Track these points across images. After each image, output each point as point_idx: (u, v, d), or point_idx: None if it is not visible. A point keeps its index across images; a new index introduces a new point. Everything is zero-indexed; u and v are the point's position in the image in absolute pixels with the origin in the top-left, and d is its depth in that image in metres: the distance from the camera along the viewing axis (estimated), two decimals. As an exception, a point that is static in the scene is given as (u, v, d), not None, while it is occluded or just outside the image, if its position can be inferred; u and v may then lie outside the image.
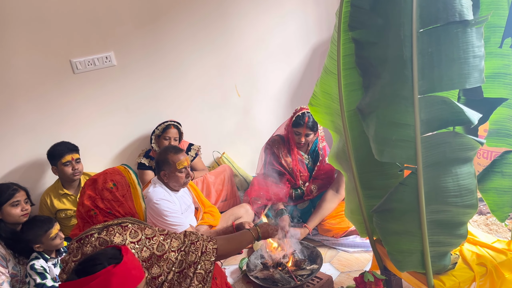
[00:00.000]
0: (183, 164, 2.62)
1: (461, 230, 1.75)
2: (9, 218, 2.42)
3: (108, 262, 1.27)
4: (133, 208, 1.83)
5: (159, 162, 2.65)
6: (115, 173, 1.86)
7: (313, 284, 2.38)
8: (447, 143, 1.63)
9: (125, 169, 1.91)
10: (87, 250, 1.69)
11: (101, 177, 1.84)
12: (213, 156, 3.75)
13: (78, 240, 1.74)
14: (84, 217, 1.79)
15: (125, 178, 1.86)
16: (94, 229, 1.72)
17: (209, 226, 2.90)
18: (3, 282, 2.29)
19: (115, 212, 1.78)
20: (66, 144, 2.90)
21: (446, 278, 1.84)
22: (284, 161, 3.08)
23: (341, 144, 2.12)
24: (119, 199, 1.79)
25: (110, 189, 1.79)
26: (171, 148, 2.70)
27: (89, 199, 1.78)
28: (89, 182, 1.84)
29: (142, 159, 3.34)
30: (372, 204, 1.96)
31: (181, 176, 2.64)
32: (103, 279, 1.22)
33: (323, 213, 2.98)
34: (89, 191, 1.80)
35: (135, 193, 1.86)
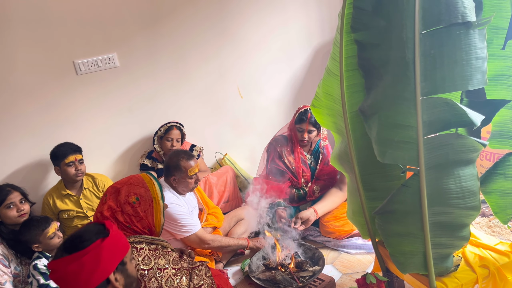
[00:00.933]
0: (195, 171, 2.62)
1: (463, 232, 1.75)
2: (7, 220, 2.42)
3: (96, 237, 1.31)
4: (152, 223, 1.79)
5: (170, 167, 2.63)
6: (140, 185, 1.80)
7: (315, 286, 2.38)
8: (449, 145, 1.63)
9: (150, 180, 1.84)
10: None
11: (124, 188, 1.78)
12: (215, 157, 3.75)
13: None
14: None
15: (150, 192, 1.80)
16: None
17: (212, 227, 2.91)
18: (5, 282, 2.30)
19: (133, 227, 1.74)
20: (69, 145, 2.90)
21: (448, 280, 1.84)
22: (287, 160, 3.08)
23: (343, 146, 2.12)
24: (140, 214, 1.75)
25: (133, 203, 1.74)
26: (182, 153, 2.67)
27: (109, 210, 1.74)
28: (112, 191, 1.79)
29: (145, 160, 3.34)
30: (374, 206, 1.96)
31: (191, 182, 2.64)
32: (94, 253, 1.27)
33: (329, 203, 2.95)
34: (110, 201, 1.76)
35: (157, 208, 1.81)
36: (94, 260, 1.27)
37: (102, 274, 1.28)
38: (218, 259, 2.83)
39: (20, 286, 2.41)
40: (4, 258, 2.35)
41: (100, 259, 1.28)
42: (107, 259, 1.29)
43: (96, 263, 1.27)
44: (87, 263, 1.26)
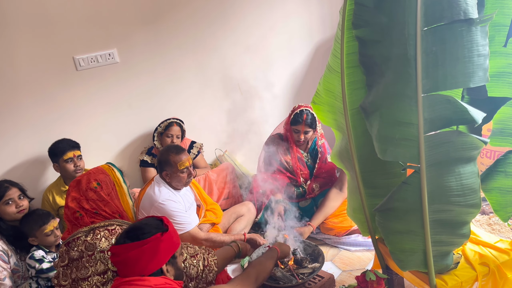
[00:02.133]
0: (185, 165, 2.61)
1: (463, 229, 1.75)
2: (6, 216, 2.41)
3: (156, 230, 1.45)
4: (120, 206, 1.81)
5: (161, 162, 2.64)
6: (99, 172, 1.84)
7: (315, 283, 2.38)
8: (450, 142, 1.62)
9: (109, 167, 1.89)
10: (73, 254, 1.66)
11: (84, 177, 1.82)
12: (215, 154, 3.75)
13: (66, 243, 1.71)
14: (71, 220, 1.77)
15: (110, 176, 1.83)
16: (81, 232, 1.69)
17: (211, 224, 2.91)
18: (4, 277, 2.30)
19: (101, 212, 1.76)
20: (68, 141, 2.90)
21: (448, 278, 1.84)
22: (284, 159, 3.08)
23: (343, 143, 2.12)
24: (104, 198, 1.77)
25: (94, 188, 1.77)
26: (173, 148, 2.68)
27: (73, 201, 1.77)
28: (73, 184, 1.82)
29: (145, 156, 3.34)
30: (374, 203, 1.96)
31: (183, 176, 2.63)
32: (154, 244, 1.41)
33: (327, 211, 2.98)
34: (73, 193, 1.78)
35: (121, 191, 1.84)
36: (153, 251, 1.41)
37: (157, 264, 1.43)
38: (218, 255, 2.82)
39: (20, 281, 2.42)
40: (3, 253, 2.35)
41: (158, 250, 1.42)
42: (163, 251, 1.44)
43: (154, 253, 1.41)
44: (146, 252, 1.40)
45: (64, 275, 1.70)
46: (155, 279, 1.40)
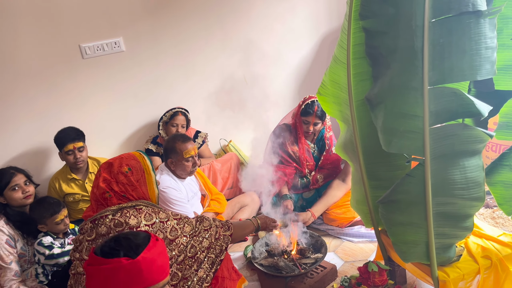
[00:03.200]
0: (190, 153, 2.63)
1: (467, 222, 1.75)
2: (12, 202, 2.44)
3: (125, 253, 1.24)
4: (146, 193, 1.88)
5: (167, 150, 2.66)
6: (131, 158, 1.90)
7: (317, 273, 2.39)
8: (455, 135, 1.62)
9: (140, 155, 1.95)
10: (101, 230, 1.74)
11: (116, 161, 1.88)
12: (220, 144, 3.76)
13: (93, 221, 1.78)
14: (98, 199, 1.83)
15: (140, 163, 1.90)
16: (109, 211, 1.76)
17: (215, 213, 2.92)
18: (11, 261, 2.34)
19: (129, 196, 1.83)
20: (69, 132, 2.88)
21: (450, 270, 1.84)
22: (291, 150, 3.08)
23: (348, 134, 2.11)
24: (133, 183, 1.84)
25: (125, 173, 1.84)
26: (179, 136, 2.70)
27: (104, 182, 1.83)
28: (105, 165, 1.88)
29: (150, 145, 3.35)
30: (378, 195, 1.96)
31: (188, 165, 2.65)
32: (112, 267, 1.21)
33: (329, 200, 2.98)
34: (104, 173, 1.85)
35: (149, 179, 1.90)
36: (109, 274, 1.21)
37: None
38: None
39: (26, 266, 2.45)
40: (10, 238, 2.38)
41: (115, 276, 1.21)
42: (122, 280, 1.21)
43: (111, 277, 1.21)
44: (102, 272, 1.22)
45: (88, 250, 1.76)
46: None
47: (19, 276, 2.35)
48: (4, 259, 2.33)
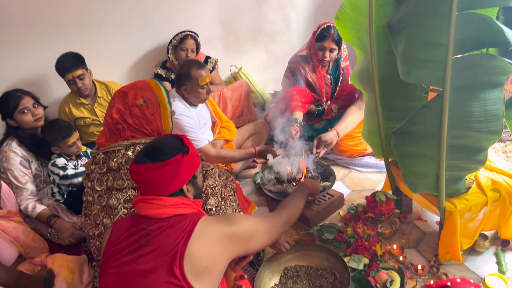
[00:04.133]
0: (206, 81, 2.57)
1: (480, 156, 1.74)
2: (24, 125, 2.45)
3: (176, 151, 1.41)
4: (161, 126, 1.82)
5: (181, 76, 2.59)
6: (146, 89, 1.81)
7: (325, 200, 2.45)
8: (479, 66, 1.55)
9: (156, 85, 1.85)
10: (113, 165, 1.74)
11: (131, 91, 1.79)
12: (230, 71, 3.68)
13: (105, 152, 1.77)
14: (111, 128, 1.80)
15: (156, 95, 1.81)
16: (121, 145, 1.74)
17: (225, 140, 2.94)
18: (26, 182, 2.41)
19: (142, 129, 1.78)
20: (66, 61, 2.75)
21: (458, 201, 1.86)
22: (310, 78, 2.99)
23: (365, 63, 2.04)
24: (147, 117, 1.78)
25: (140, 106, 1.76)
26: (194, 62, 2.62)
27: (118, 113, 1.77)
28: (119, 94, 1.80)
29: (159, 70, 3.29)
30: (391, 126, 1.93)
31: (202, 92, 2.60)
32: (175, 166, 1.38)
33: (349, 123, 2.87)
34: (118, 104, 1.78)
35: (165, 112, 1.83)
36: (173, 172, 1.38)
37: (177, 184, 1.40)
38: (230, 171, 2.90)
39: (42, 185, 2.53)
40: (24, 159, 2.43)
41: (178, 171, 1.39)
42: (184, 172, 1.41)
43: (174, 174, 1.38)
44: (166, 173, 1.37)
45: (99, 181, 1.78)
46: (172, 200, 1.39)
47: (35, 195, 2.43)
48: (19, 180, 2.39)
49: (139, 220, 1.38)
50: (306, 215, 2.34)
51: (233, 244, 1.39)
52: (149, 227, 1.34)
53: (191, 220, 1.34)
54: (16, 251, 2.05)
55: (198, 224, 1.33)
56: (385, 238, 2.16)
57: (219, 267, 1.36)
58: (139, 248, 1.31)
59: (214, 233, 1.35)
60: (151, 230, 1.33)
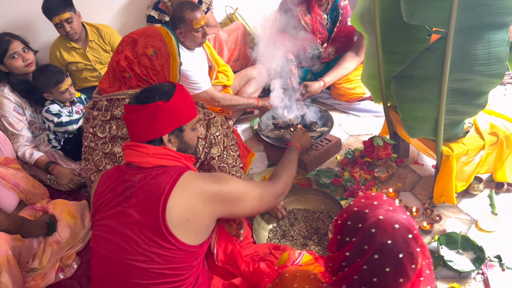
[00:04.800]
0: (200, 23, 2.47)
1: (481, 99, 1.72)
2: (15, 70, 2.37)
3: (159, 97, 1.35)
4: (168, 78, 1.78)
5: (175, 19, 2.49)
6: (157, 38, 1.74)
7: (322, 145, 2.45)
8: (486, 6, 1.49)
9: (168, 34, 1.78)
10: (116, 113, 1.71)
11: (141, 39, 1.72)
12: (225, 12, 3.54)
13: (109, 99, 1.74)
14: (116, 75, 1.75)
15: (167, 46, 1.75)
16: (126, 94, 1.71)
17: (222, 86, 2.89)
18: (22, 128, 2.39)
19: (149, 79, 1.74)
20: (53, 3, 2.61)
21: (455, 145, 1.87)
22: (303, 20, 2.88)
23: (366, 4, 1.96)
24: (156, 68, 1.73)
25: (150, 56, 1.71)
26: (187, 4, 2.50)
27: (126, 60, 1.71)
28: (128, 41, 1.74)
29: (151, 11, 3.15)
30: (392, 70, 1.89)
31: (198, 35, 2.51)
32: (152, 111, 1.33)
33: (341, 72, 2.89)
34: (127, 51, 1.72)
35: (174, 64, 1.78)
36: (151, 118, 1.33)
37: (155, 132, 1.35)
38: (228, 116, 2.87)
39: (37, 132, 2.51)
40: (17, 106, 2.39)
41: (156, 118, 1.33)
42: (163, 120, 1.34)
43: (152, 120, 1.33)
44: (144, 117, 1.33)
45: (102, 128, 1.77)
46: (154, 148, 1.34)
47: (31, 141, 2.42)
48: (14, 126, 2.37)
49: (125, 170, 1.36)
50: (303, 160, 2.35)
51: (217, 204, 1.34)
52: (133, 178, 1.32)
53: (175, 173, 1.31)
54: (17, 197, 2.07)
55: (182, 178, 1.29)
56: (381, 182, 2.19)
57: (204, 223, 1.33)
58: (125, 200, 1.30)
59: (197, 188, 1.31)
60: (135, 181, 1.31)
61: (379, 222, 0.98)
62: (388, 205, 1.02)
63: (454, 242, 1.79)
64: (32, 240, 1.84)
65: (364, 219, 1.00)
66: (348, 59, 2.88)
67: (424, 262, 1.01)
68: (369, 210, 1.01)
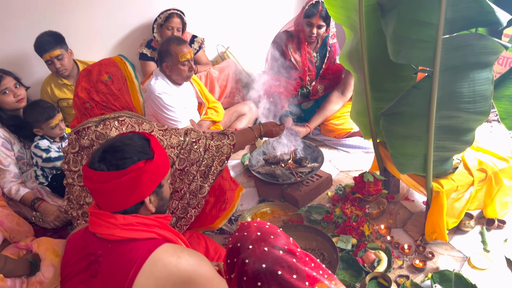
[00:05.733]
0: (186, 57, 2.52)
1: (468, 136, 1.75)
2: (6, 106, 2.37)
3: (138, 157, 1.19)
4: (130, 102, 1.77)
5: (161, 53, 2.55)
6: (110, 65, 1.76)
7: (313, 181, 2.45)
8: (469, 46, 1.54)
9: (121, 60, 1.80)
10: (84, 142, 1.69)
11: (95, 68, 1.74)
12: (217, 50, 3.61)
13: (76, 132, 1.73)
14: (80, 109, 1.75)
15: (121, 70, 1.76)
16: (91, 122, 1.70)
17: (212, 121, 2.90)
18: (9, 164, 2.35)
19: (111, 106, 1.73)
20: (43, 40, 2.65)
21: (445, 182, 1.88)
22: (293, 57, 2.95)
23: (354, 43, 2.01)
24: (114, 93, 1.72)
25: (105, 82, 1.71)
26: (174, 39, 2.57)
27: (84, 91, 1.72)
28: (84, 73, 1.76)
29: (144, 49, 3.21)
30: (380, 107, 1.92)
31: (184, 69, 2.55)
32: (135, 175, 1.17)
33: (326, 114, 2.96)
34: (83, 82, 1.73)
35: (132, 87, 1.77)
36: (133, 183, 1.18)
37: (138, 197, 1.20)
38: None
39: (25, 168, 2.48)
40: (6, 141, 2.37)
41: (139, 182, 1.18)
42: (146, 182, 1.20)
43: (135, 186, 1.18)
44: (125, 184, 1.17)
45: (74, 162, 1.75)
46: (124, 218, 1.18)
47: (18, 177, 2.38)
48: (1, 162, 2.33)
49: (89, 240, 1.21)
50: (294, 196, 2.34)
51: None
52: (97, 251, 1.18)
53: (143, 252, 1.14)
54: (1, 235, 2.01)
55: (150, 258, 1.13)
56: (372, 218, 2.18)
57: None
58: (89, 279, 1.18)
59: (165, 273, 1.13)
60: (98, 256, 1.17)
61: (250, 251, 0.98)
62: (256, 232, 1.02)
63: (448, 280, 1.76)
64: (15, 280, 1.77)
65: (237, 253, 1.00)
66: (334, 100, 2.96)
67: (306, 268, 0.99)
68: (240, 244, 1.01)
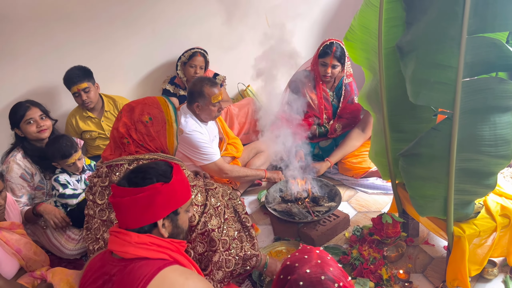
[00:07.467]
0: (218, 99, 2.59)
1: (490, 180, 1.71)
2: (28, 135, 2.45)
3: (157, 178, 1.27)
4: (165, 144, 1.81)
5: (194, 93, 2.60)
6: (154, 106, 1.80)
7: (330, 221, 2.41)
8: (489, 89, 1.54)
9: (165, 102, 1.84)
10: (115, 179, 1.73)
11: (139, 106, 1.79)
12: (237, 88, 3.69)
13: (108, 166, 1.77)
14: (116, 142, 1.79)
15: (163, 114, 1.80)
16: (125, 160, 1.74)
17: (231, 157, 2.93)
18: (22, 195, 2.40)
19: (146, 145, 1.77)
20: (72, 73, 2.78)
21: (466, 226, 1.83)
22: (309, 96, 3.00)
23: (374, 84, 2.04)
24: (152, 134, 1.77)
25: (145, 122, 1.76)
26: (207, 80, 2.63)
27: (124, 127, 1.77)
28: (127, 108, 1.80)
29: (167, 85, 3.30)
30: (399, 148, 1.91)
31: (214, 109, 2.61)
32: (149, 194, 1.24)
33: (347, 150, 2.95)
34: (125, 118, 1.78)
35: (170, 131, 1.82)
36: (147, 201, 1.24)
37: (151, 217, 1.26)
38: (235, 187, 2.88)
39: (45, 198, 2.52)
40: (26, 172, 2.42)
41: (153, 202, 1.24)
42: (160, 204, 1.26)
43: (148, 205, 1.24)
44: (140, 201, 1.24)
45: (101, 195, 1.78)
46: (138, 237, 1.24)
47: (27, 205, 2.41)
48: (15, 192, 2.38)
49: (106, 260, 1.27)
50: (310, 235, 2.30)
51: None
52: (112, 270, 1.22)
53: (152, 270, 1.18)
54: (17, 264, 2.02)
55: (157, 277, 1.16)
56: (391, 262, 2.12)
57: None
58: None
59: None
60: (112, 275, 1.21)
61: (306, 275, 1.05)
62: (317, 259, 1.09)
63: (470, 331, 1.68)
64: (27, 310, 1.77)
65: (293, 272, 1.07)
66: (354, 137, 2.95)
67: None
68: (298, 264, 1.08)
